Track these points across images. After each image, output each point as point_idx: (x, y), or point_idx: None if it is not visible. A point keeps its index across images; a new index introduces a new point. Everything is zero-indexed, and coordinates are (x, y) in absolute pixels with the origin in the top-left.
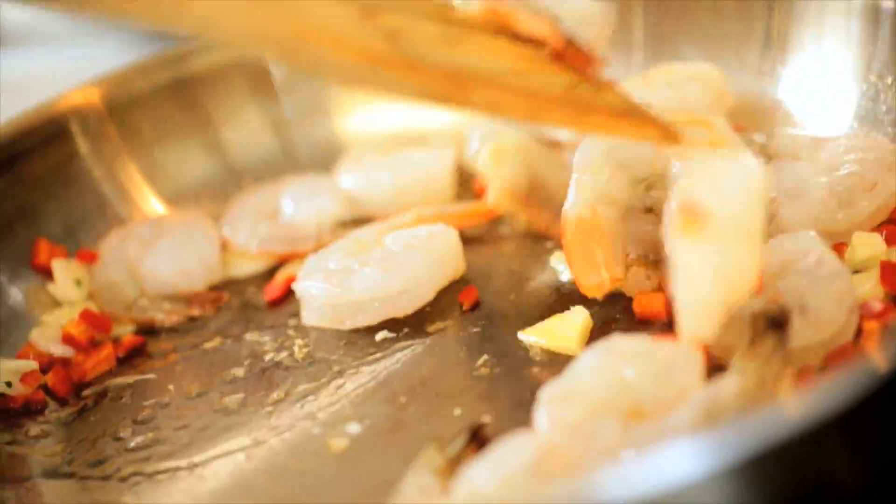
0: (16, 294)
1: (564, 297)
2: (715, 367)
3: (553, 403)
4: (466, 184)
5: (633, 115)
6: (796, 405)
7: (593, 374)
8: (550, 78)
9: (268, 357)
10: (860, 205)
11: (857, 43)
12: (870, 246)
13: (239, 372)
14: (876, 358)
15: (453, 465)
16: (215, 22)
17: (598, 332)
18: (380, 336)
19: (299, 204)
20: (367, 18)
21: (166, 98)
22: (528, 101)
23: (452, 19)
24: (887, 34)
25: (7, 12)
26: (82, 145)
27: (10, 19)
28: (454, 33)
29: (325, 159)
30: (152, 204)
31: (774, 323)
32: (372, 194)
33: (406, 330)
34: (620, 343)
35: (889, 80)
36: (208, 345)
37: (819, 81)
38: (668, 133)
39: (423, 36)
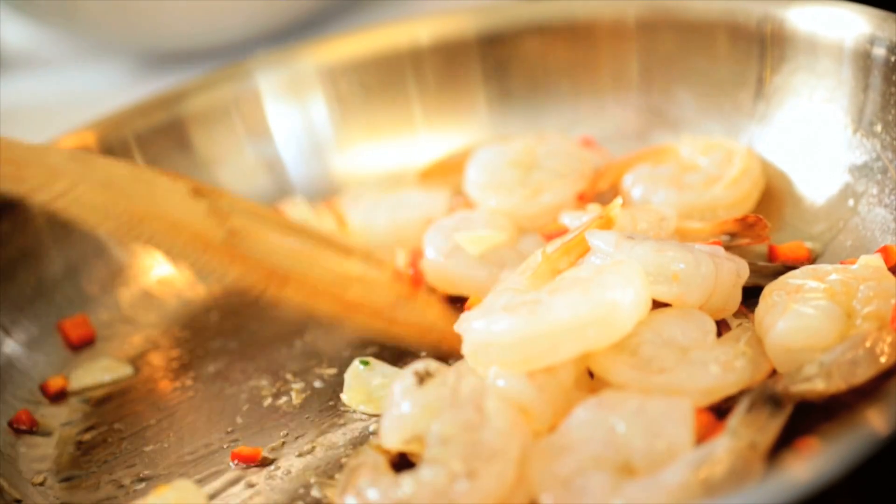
0: (14, 342)
1: None
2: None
3: (544, 458)
4: None
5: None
6: (802, 469)
7: (584, 429)
8: (368, 293)
9: (266, 402)
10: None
11: (848, 90)
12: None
13: (237, 418)
14: (877, 421)
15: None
16: (74, 197)
17: None
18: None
19: None
20: (215, 217)
21: (161, 139)
22: (335, 305)
23: (293, 230)
24: (878, 81)
25: (7, 35)
26: None
27: (9, 43)
28: (289, 244)
29: (320, 198)
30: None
31: (774, 400)
32: (370, 233)
33: None
34: (612, 398)
35: (879, 128)
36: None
37: (810, 127)
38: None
39: (260, 238)
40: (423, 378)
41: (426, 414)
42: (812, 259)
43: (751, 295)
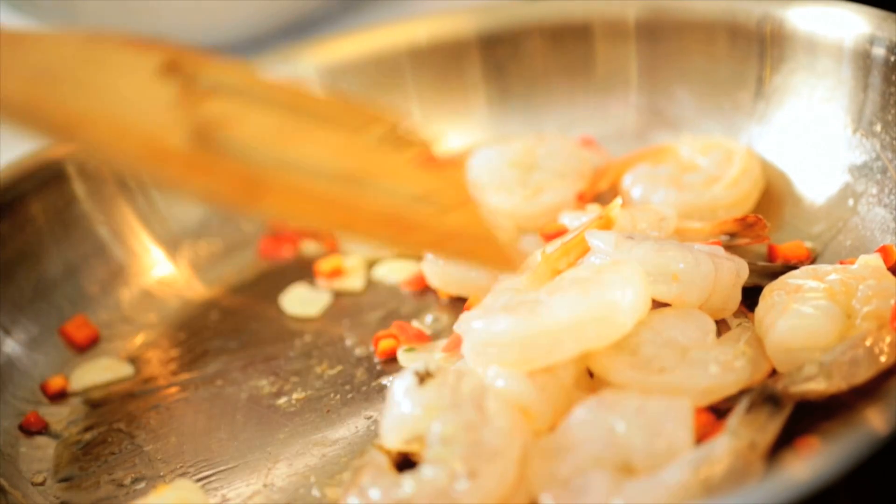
0: (14, 342)
1: None
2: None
3: (544, 458)
4: None
5: (470, 239)
6: (802, 469)
7: (584, 429)
8: (389, 186)
9: (266, 402)
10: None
11: (847, 89)
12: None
13: (238, 418)
14: (877, 421)
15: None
16: None
17: None
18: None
19: None
20: (184, 106)
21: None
22: (335, 212)
23: (302, 108)
24: (878, 81)
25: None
26: (79, 189)
27: None
28: (293, 126)
29: None
30: (148, 247)
31: (773, 400)
32: None
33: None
34: (612, 398)
35: (878, 128)
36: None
37: (810, 127)
38: (506, 262)
39: (253, 126)
40: (423, 378)
41: (427, 414)
42: (812, 259)
43: (751, 295)
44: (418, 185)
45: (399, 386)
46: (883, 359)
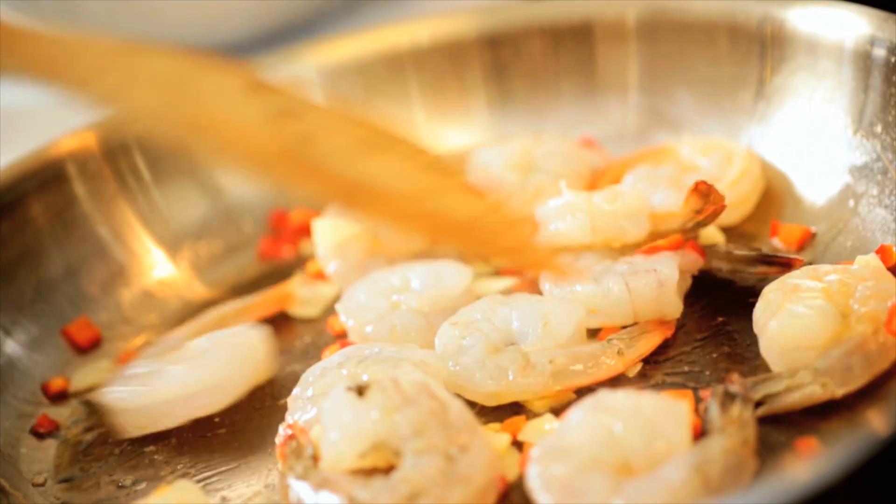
0: (15, 343)
1: None
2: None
3: (543, 460)
4: None
5: (524, 254)
6: (802, 469)
7: (582, 430)
8: (454, 205)
9: (267, 403)
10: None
11: (848, 90)
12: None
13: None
14: (877, 421)
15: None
16: (123, 95)
17: None
18: None
19: None
20: (276, 121)
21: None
22: (424, 222)
23: (373, 130)
24: (878, 82)
25: None
26: (80, 189)
27: None
28: (370, 145)
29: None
30: (149, 248)
31: (730, 395)
32: None
33: None
34: (608, 399)
35: (879, 129)
36: None
37: (810, 128)
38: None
39: (333, 143)
40: (361, 390)
41: (385, 417)
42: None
43: (749, 293)
44: (472, 208)
45: (337, 404)
46: (878, 364)
